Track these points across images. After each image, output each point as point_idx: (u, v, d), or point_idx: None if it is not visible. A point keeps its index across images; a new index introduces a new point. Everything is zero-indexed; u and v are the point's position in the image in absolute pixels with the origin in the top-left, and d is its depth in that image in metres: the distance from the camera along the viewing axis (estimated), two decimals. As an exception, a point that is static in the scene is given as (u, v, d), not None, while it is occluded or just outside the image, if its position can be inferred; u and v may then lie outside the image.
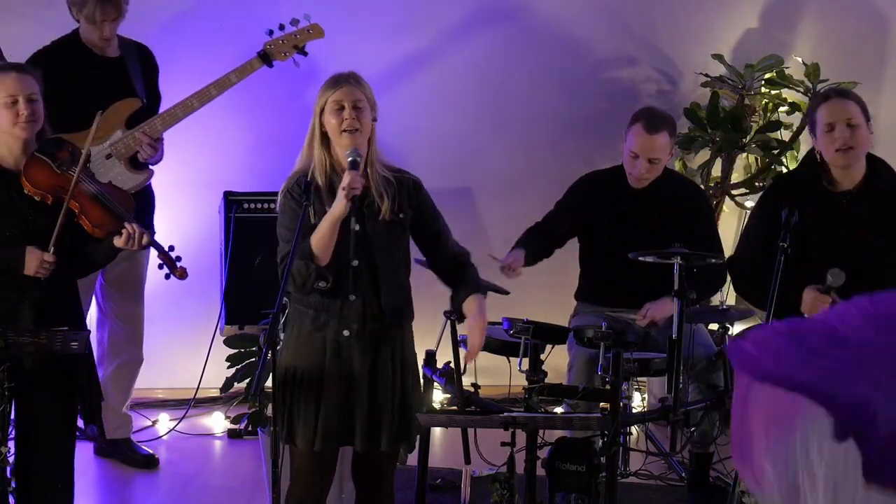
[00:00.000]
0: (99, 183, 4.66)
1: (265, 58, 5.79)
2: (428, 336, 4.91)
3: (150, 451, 5.98)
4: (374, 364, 4.27)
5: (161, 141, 5.66)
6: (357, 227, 4.23)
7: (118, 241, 4.54)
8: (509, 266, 5.50)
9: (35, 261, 4.43)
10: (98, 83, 5.62)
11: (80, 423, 5.98)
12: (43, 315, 4.50)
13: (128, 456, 5.93)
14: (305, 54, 5.88)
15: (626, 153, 5.52)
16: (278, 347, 4.29)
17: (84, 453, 5.93)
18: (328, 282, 4.23)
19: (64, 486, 4.57)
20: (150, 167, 5.71)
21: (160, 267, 4.73)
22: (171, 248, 4.69)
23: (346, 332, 4.25)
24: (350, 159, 4.20)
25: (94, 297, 5.94)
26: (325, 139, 4.28)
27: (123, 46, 5.76)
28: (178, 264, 4.69)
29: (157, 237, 4.64)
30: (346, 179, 4.14)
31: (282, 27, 5.82)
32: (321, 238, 4.18)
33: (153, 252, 4.67)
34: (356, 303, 4.25)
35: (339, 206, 4.15)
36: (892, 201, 4.42)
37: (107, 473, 5.87)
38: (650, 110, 5.62)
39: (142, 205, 5.70)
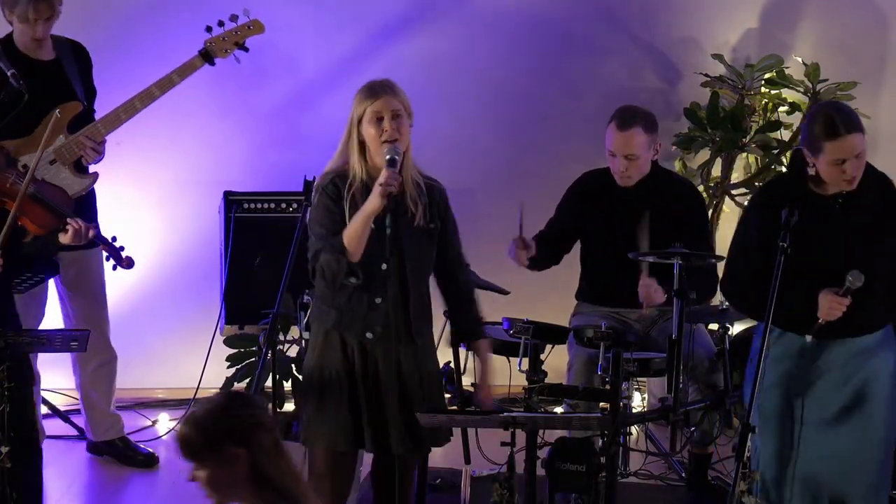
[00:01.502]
0: (36, 181, 4.63)
1: (206, 56, 5.61)
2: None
3: (151, 451, 5.97)
4: (399, 369, 4.29)
5: (103, 143, 5.52)
6: (390, 231, 4.23)
7: (65, 238, 4.53)
8: (524, 244, 5.43)
9: None
10: (36, 89, 5.41)
11: (80, 422, 6.03)
12: None
13: (126, 455, 5.90)
14: (247, 50, 5.65)
15: (607, 152, 5.54)
16: (299, 348, 4.28)
17: (78, 453, 5.93)
18: (358, 278, 4.24)
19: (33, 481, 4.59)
20: (95, 171, 5.59)
21: (107, 259, 4.74)
22: (114, 238, 4.68)
23: (369, 335, 4.26)
24: (388, 157, 4.21)
25: (60, 303, 5.85)
26: (361, 147, 4.29)
27: (57, 46, 5.61)
28: (123, 254, 4.69)
29: (156, 237, 4.64)
30: (382, 176, 4.15)
31: (221, 24, 5.64)
32: (354, 233, 4.18)
33: (154, 248, 4.66)
34: (382, 306, 4.26)
35: (374, 201, 4.16)
36: (881, 202, 4.40)
37: (106, 473, 5.86)
38: (624, 108, 5.59)
39: (84, 203, 5.56)
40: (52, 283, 5.63)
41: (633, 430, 5.84)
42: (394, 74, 6.81)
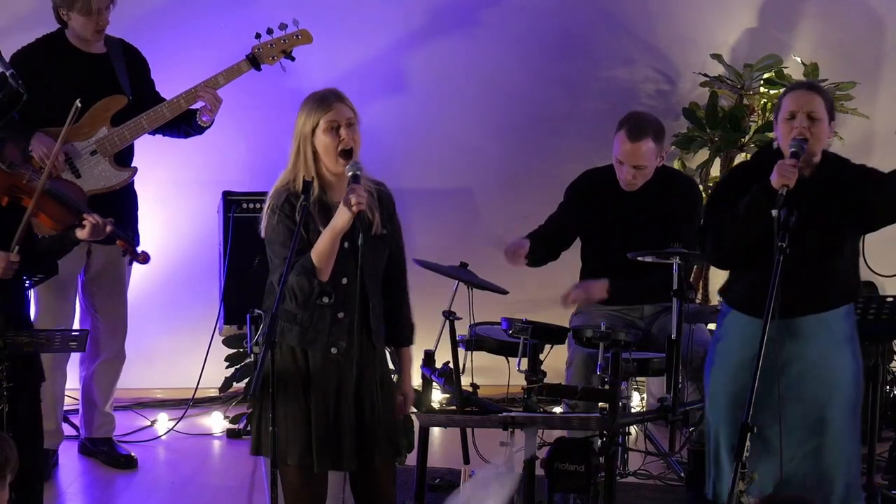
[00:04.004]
0: (50, 179, 4.65)
1: (253, 61, 5.80)
2: (427, 336, 4.91)
3: (130, 452, 5.96)
4: (360, 381, 4.25)
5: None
6: (346, 245, 4.21)
7: (82, 233, 4.53)
8: (514, 252, 5.47)
9: (1, 262, 4.41)
10: (83, 79, 5.61)
11: (78, 422, 6.03)
12: (9, 316, 4.46)
13: (109, 455, 5.91)
14: (293, 59, 5.87)
15: (614, 159, 5.54)
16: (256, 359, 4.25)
17: (70, 453, 5.94)
18: (331, 297, 4.22)
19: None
20: (134, 165, 5.71)
21: (123, 254, 4.75)
22: (136, 235, 4.70)
23: (334, 350, 4.23)
24: (351, 173, 4.18)
25: (77, 295, 5.90)
26: (314, 159, 4.24)
27: (108, 43, 5.74)
28: (139, 249, 4.70)
29: (155, 236, 4.65)
30: (353, 194, 4.10)
31: (270, 31, 5.81)
32: (322, 252, 4.15)
33: (153, 249, 4.68)
34: (345, 320, 4.23)
35: (342, 219, 4.12)
36: (838, 189, 4.39)
37: (104, 473, 5.86)
38: (634, 116, 5.59)
39: (125, 203, 5.71)
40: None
41: (632, 429, 5.84)
42: (394, 75, 6.87)
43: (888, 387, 6.11)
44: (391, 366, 4.52)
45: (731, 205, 4.38)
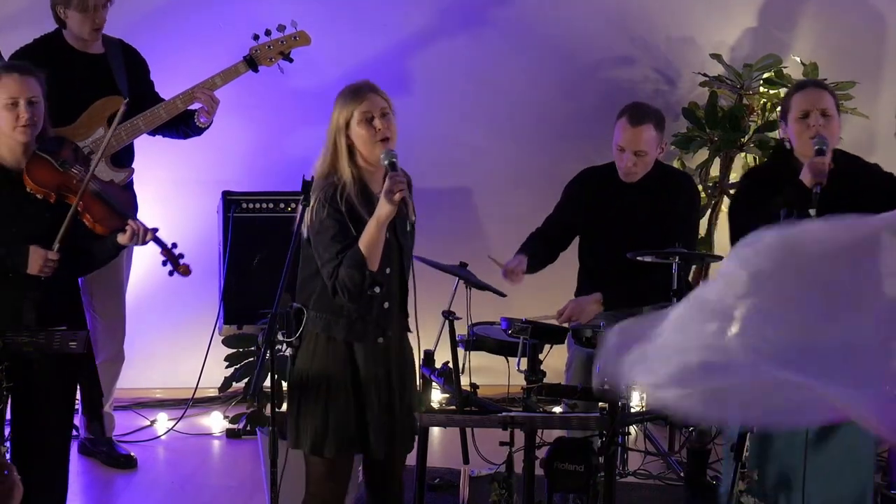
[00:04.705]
0: (101, 181, 4.68)
1: (251, 63, 5.79)
2: (427, 336, 4.91)
3: (129, 452, 5.96)
4: (401, 368, 4.32)
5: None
6: (388, 234, 4.23)
7: (122, 238, 4.56)
8: (512, 271, 5.50)
9: (39, 259, 4.44)
10: (81, 79, 5.62)
11: (77, 422, 6.02)
12: (44, 315, 4.50)
13: (108, 455, 5.91)
14: (291, 61, 5.86)
15: (614, 147, 5.55)
16: (287, 352, 4.26)
17: (76, 453, 5.93)
18: (382, 286, 4.24)
19: (59, 486, 4.57)
20: (131, 166, 5.71)
21: (164, 264, 4.76)
22: (174, 245, 4.71)
23: (381, 340, 4.27)
24: (387, 161, 4.20)
25: None
26: (349, 151, 4.25)
27: (106, 44, 5.75)
28: (182, 261, 4.71)
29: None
30: (391, 182, 4.12)
31: (268, 32, 5.81)
32: (371, 242, 4.16)
33: (154, 248, 4.68)
34: (391, 309, 4.28)
35: (386, 208, 4.13)
36: (857, 187, 4.38)
37: (103, 473, 5.86)
38: (635, 104, 5.63)
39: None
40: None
41: (632, 429, 5.84)
42: (394, 75, 6.86)
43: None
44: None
45: (756, 210, 4.34)
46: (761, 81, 6.81)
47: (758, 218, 4.37)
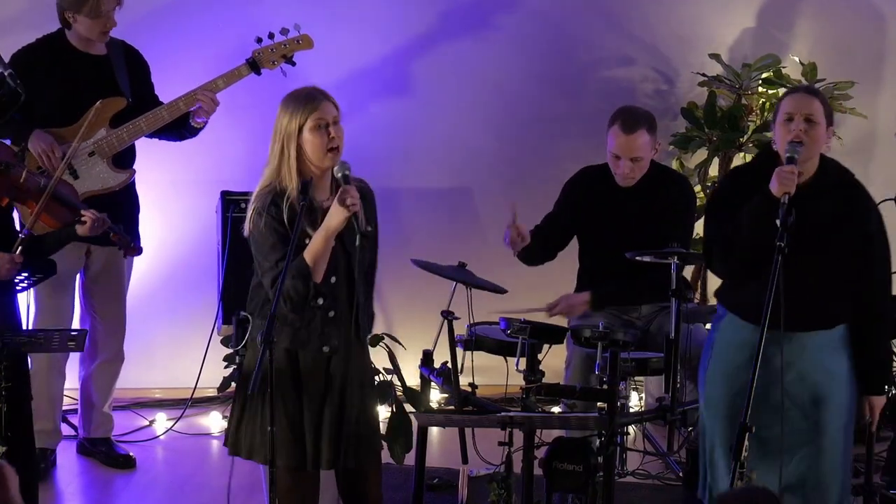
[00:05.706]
0: (46, 178, 4.69)
1: (254, 65, 5.79)
2: (426, 336, 4.92)
3: (128, 452, 5.96)
4: (345, 378, 4.25)
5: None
6: (335, 242, 4.18)
7: (83, 230, 4.57)
8: (518, 228, 5.44)
9: (6, 264, 4.43)
10: (83, 79, 5.62)
11: (77, 422, 6.03)
12: None
13: (107, 455, 5.91)
14: (294, 64, 5.86)
15: (609, 154, 5.54)
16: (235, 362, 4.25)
17: (68, 453, 5.93)
18: (326, 298, 4.20)
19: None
20: (133, 167, 5.71)
21: (118, 247, 4.81)
22: (121, 227, 4.77)
23: (325, 349, 4.23)
24: (341, 174, 4.16)
25: (77, 295, 5.91)
26: (298, 157, 4.18)
27: (109, 45, 5.74)
28: (132, 244, 4.77)
29: (153, 236, 4.67)
30: (346, 195, 4.08)
31: (271, 36, 5.80)
32: (317, 253, 4.13)
33: (153, 249, 4.70)
34: (336, 318, 4.23)
35: (337, 219, 4.09)
36: (837, 201, 4.36)
37: (102, 473, 5.86)
38: (626, 110, 5.60)
39: (127, 205, 5.71)
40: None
41: (631, 429, 5.84)
42: (394, 76, 6.86)
43: (886, 386, 6.10)
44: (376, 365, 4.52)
45: (732, 212, 4.34)
46: (760, 81, 6.81)
47: (728, 225, 4.36)
